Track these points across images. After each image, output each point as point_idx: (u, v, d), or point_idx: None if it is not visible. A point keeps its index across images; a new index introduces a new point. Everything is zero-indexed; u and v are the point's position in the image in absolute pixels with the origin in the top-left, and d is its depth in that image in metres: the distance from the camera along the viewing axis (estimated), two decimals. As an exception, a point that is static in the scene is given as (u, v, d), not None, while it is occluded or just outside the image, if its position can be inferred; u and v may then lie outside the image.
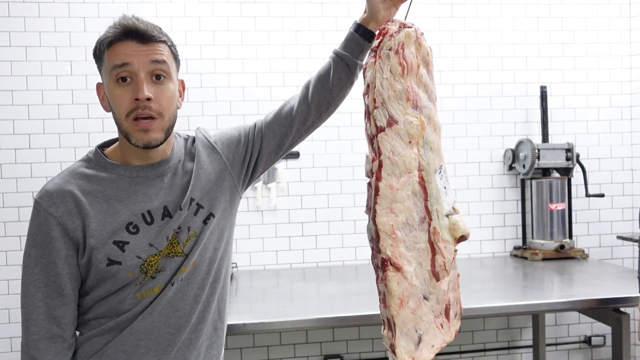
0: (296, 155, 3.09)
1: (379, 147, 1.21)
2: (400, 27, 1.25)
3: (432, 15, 3.19)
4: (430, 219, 1.25)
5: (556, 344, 3.29)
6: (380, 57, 1.21)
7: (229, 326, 2.04)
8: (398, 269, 1.19)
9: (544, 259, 3.03)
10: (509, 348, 3.27)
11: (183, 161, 1.30)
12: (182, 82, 1.31)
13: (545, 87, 3.19)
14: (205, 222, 1.27)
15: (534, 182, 3.15)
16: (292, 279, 2.82)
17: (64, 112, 2.91)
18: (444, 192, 1.29)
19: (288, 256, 3.10)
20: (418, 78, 1.26)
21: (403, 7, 1.35)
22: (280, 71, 3.06)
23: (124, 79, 1.17)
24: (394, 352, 1.20)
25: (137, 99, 1.16)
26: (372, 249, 1.22)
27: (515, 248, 3.23)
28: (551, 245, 3.05)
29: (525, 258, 3.10)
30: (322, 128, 3.39)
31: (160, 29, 1.23)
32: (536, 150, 3.06)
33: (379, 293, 1.22)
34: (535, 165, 3.07)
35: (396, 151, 1.21)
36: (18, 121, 2.88)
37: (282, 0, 3.07)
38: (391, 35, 1.21)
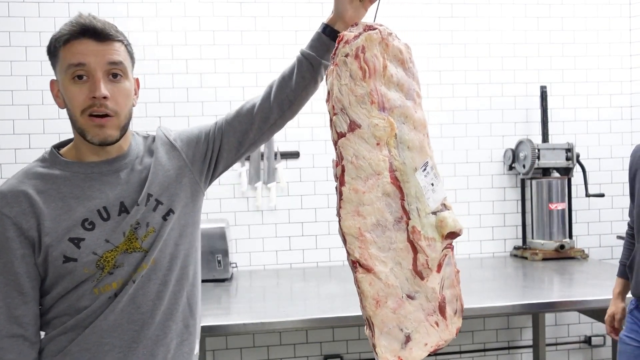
0: (296, 155, 3.09)
1: (340, 153, 1.21)
2: (364, 30, 1.24)
3: (432, 15, 3.19)
4: (409, 218, 1.25)
5: (556, 344, 3.29)
6: (337, 64, 1.22)
7: (229, 326, 2.04)
8: (368, 270, 1.19)
9: (544, 259, 3.03)
10: (509, 348, 3.27)
11: (141, 157, 1.30)
12: (137, 81, 1.31)
13: (545, 87, 3.19)
14: (164, 218, 1.27)
15: (534, 182, 3.15)
16: (292, 279, 2.82)
17: (64, 112, 2.89)
18: (430, 189, 1.28)
19: (288, 256, 3.10)
20: (386, 79, 1.25)
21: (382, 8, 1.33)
22: (280, 71, 3.05)
23: (80, 77, 1.19)
24: (376, 351, 1.21)
25: (93, 97, 1.18)
26: (346, 251, 1.23)
27: (515, 248, 3.23)
28: (551, 245, 3.05)
29: (525, 258, 3.10)
30: (322, 128, 3.39)
31: (117, 27, 1.24)
32: (536, 150, 3.06)
33: (358, 294, 1.23)
34: (535, 165, 3.07)
35: (360, 155, 1.21)
36: (18, 121, 2.88)
37: (282, 0, 3.07)
38: (346, 42, 1.22)
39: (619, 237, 3.15)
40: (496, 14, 3.25)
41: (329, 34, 1.30)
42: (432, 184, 1.29)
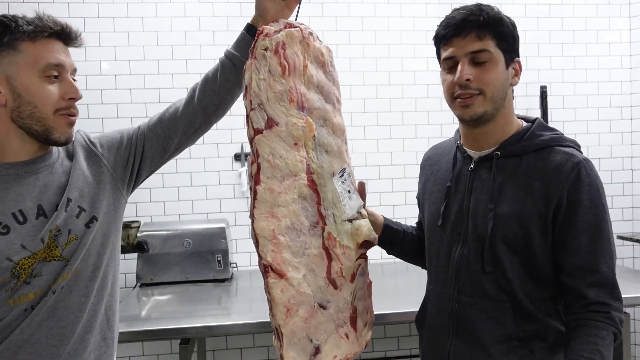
0: (296, 155, 3.08)
1: (257, 150, 1.16)
2: (284, 27, 1.21)
3: (431, 15, 3.19)
4: (325, 224, 1.20)
5: (556, 344, 3.29)
6: (255, 57, 1.17)
7: (229, 326, 2.04)
8: (281, 275, 1.13)
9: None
10: (509, 348, 3.26)
11: (61, 161, 1.25)
12: None
13: (545, 87, 3.19)
14: (87, 225, 1.21)
15: (534, 182, 3.14)
16: (292, 279, 2.81)
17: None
18: (347, 196, 1.24)
19: (288, 256, 3.09)
20: (306, 79, 1.22)
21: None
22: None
23: (55, 77, 1.20)
24: None
25: (70, 98, 1.21)
26: (258, 255, 1.16)
27: (515, 248, 3.23)
28: (551, 245, 3.04)
29: (525, 258, 3.10)
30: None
31: None
32: (536, 150, 3.05)
33: (268, 301, 1.16)
34: (535, 165, 3.06)
35: (277, 154, 1.16)
36: None
37: (282, 0, 3.06)
38: (266, 35, 1.18)
39: (619, 237, 3.15)
40: (496, 14, 3.25)
41: (253, 35, 1.28)
42: (349, 191, 1.25)
